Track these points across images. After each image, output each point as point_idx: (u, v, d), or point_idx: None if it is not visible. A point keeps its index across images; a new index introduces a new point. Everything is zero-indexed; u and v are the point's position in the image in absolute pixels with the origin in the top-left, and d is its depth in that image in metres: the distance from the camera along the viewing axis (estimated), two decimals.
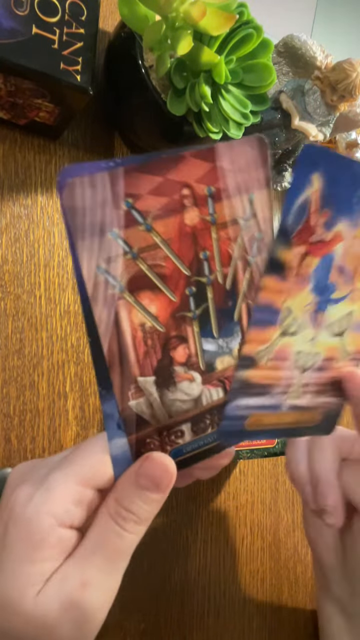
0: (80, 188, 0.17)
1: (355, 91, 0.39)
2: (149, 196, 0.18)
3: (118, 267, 0.19)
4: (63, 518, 0.21)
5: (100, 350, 0.19)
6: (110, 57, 0.38)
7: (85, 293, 0.18)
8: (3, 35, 0.29)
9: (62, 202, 0.17)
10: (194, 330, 0.22)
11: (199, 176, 0.19)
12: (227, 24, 0.31)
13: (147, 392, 0.21)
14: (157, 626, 0.40)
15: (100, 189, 0.17)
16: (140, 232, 0.19)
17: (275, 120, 0.44)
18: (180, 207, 0.19)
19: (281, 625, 0.48)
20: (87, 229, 0.18)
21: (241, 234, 0.21)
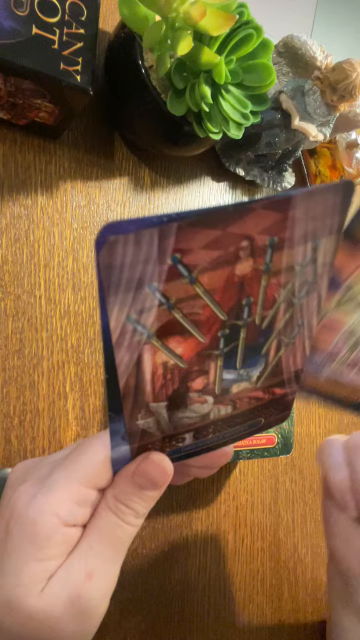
0: (123, 246, 0.15)
1: (355, 91, 0.39)
2: (200, 250, 0.17)
3: (150, 318, 0.18)
4: (67, 518, 0.21)
5: (116, 382, 0.19)
6: (110, 57, 0.38)
7: (109, 337, 0.17)
8: (3, 35, 0.29)
9: (99, 259, 0.15)
10: (217, 364, 0.21)
11: (264, 227, 0.17)
12: (227, 24, 0.31)
13: (157, 414, 0.21)
14: (157, 626, 0.40)
15: (146, 246, 0.15)
16: (182, 284, 0.17)
17: (275, 120, 0.44)
18: (233, 259, 0.18)
19: (281, 625, 0.48)
20: (122, 285, 0.16)
21: (293, 280, 0.20)
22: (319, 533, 0.53)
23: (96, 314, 0.40)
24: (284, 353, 0.23)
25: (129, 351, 0.18)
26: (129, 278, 0.16)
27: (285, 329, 0.22)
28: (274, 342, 0.22)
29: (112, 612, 0.38)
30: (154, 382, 0.20)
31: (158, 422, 0.22)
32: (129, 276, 0.16)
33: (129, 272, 0.16)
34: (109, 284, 0.16)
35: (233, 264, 0.18)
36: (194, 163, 0.48)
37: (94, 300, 0.40)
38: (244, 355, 0.21)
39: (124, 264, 0.16)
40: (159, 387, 0.20)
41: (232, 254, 0.17)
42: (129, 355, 0.18)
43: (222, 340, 0.20)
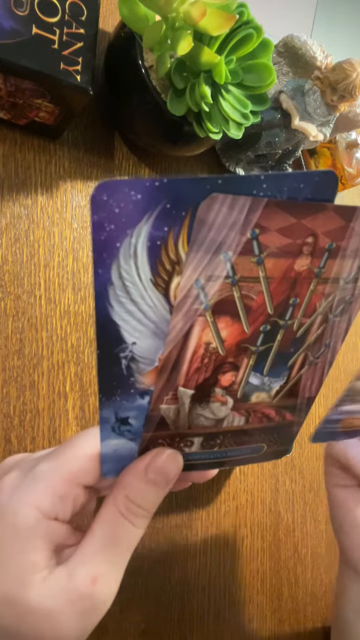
0: (219, 205, 0.16)
1: (355, 91, 0.39)
2: (275, 233, 0.18)
3: (214, 287, 0.18)
4: (48, 510, 0.21)
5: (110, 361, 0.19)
6: (110, 57, 0.38)
7: (103, 305, 0.18)
8: (3, 35, 0.29)
9: (198, 214, 0.16)
10: (249, 363, 0.21)
11: (328, 229, 0.18)
12: (227, 24, 0.31)
13: (180, 401, 0.21)
14: (157, 626, 0.40)
15: (237, 212, 0.16)
16: (250, 262, 0.18)
17: (275, 120, 0.44)
18: (297, 252, 0.19)
19: (281, 625, 0.48)
20: (205, 245, 0.17)
21: (335, 293, 0.21)
22: (319, 533, 0.53)
23: None
24: (304, 373, 0.23)
25: (184, 318, 0.19)
26: (213, 239, 0.17)
27: (314, 345, 0.22)
28: (301, 356, 0.22)
29: (112, 612, 0.38)
30: (192, 362, 0.20)
31: (177, 414, 0.22)
32: (213, 237, 0.17)
33: (215, 233, 0.17)
34: (195, 238, 0.17)
35: (295, 257, 0.19)
36: (194, 163, 0.48)
37: (94, 300, 0.40)
38: (274, 361, 0.22)
39: (214, 223, 0.16)
40: (193, 370, 0.20)
41: (297, 246, 0.18)
42: (183, 323, 0.19)
43: (262, 336, 0.21)
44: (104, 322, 0.18)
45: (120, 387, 0.20)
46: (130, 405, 0.21)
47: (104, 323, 0.18)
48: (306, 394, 0.24)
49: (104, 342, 0.19)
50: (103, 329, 0.18)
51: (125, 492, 0.21)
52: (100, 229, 0.16)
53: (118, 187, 0.16)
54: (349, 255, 0.19)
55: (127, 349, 0.19)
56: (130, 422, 0.21)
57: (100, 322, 0.18)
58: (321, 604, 0.51)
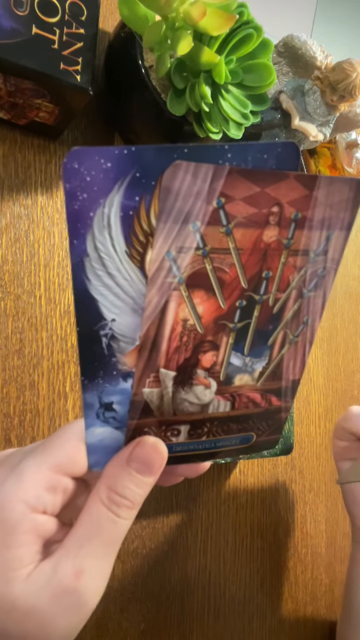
0: (183, 173, 0.16)
1: (355, 91, 0.39)
2: (240, 202, 0.18)
3: (186, 260, 0.18)
4: (35, 504, 0.20)
5: (90, 340, 0.19)
6: (110, 57, 0.38)
7: (80, 278, 0.18)
8: (3, 35, 0.29)
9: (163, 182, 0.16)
10: (228, 341, 0.21)
11: (292, 199, 0.18)
12: (227, 24, 0.31)
13: (163, 385, 0.21)
14: (157, 626, 0.40)
15: (201, 180, 0.17)
16: (219, 233, 0.18)
17: (275, 120, 0.44)
18: (264, 222, 0.19)
19: (281, 625, 0.48)
20: (173, 214, 0.17)
21: (307, 266, 0.21)
22: (319, 533, 0.53)
23: None
24: (286, 354, 0.23)
25: (159, 293, 0.19)
26: (180, 209, 0.17)
27: (292, 322, 0.22)
28: (280, 334, 0.22)
29: (112, 612, 0.38)
30: (170, 340, 0.20)
31: (161, 398, 0.21)
32: (180, 207, 0.17)
33: (181, 202, 0.17)
34: (163, 208, 0.17)
35: (262, 227, 0.19)
36: None
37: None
38: (253, 340, 0.22)
39: (180, 192, 0.17)
40: (173, 349, 0.20)
41: (263, 216, 0.18)
42: (158, 298, 0.19)
43: (239, 312, 0.21)
44: (82, 296, 0.18)
45: (102, 368, 0.20)
46: (113, 389, 0.20)
47: (82, 297, 0.18)
48: (290, 376, 0.24)
49: (83, 318, 0.19)
50: (81, 303, 0.18)
51: (108, 483, 0.21)
52: (73, 197, 0.16)
53: (89, 154, 0.16)
54: (315, 226, 0.20)
55: (106, 326, 0.19)
56: (114, 407, 0.21)
57: (78, 297, 0.18)
58: (321, 604, 0.51)
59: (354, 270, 0.63)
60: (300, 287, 0.21)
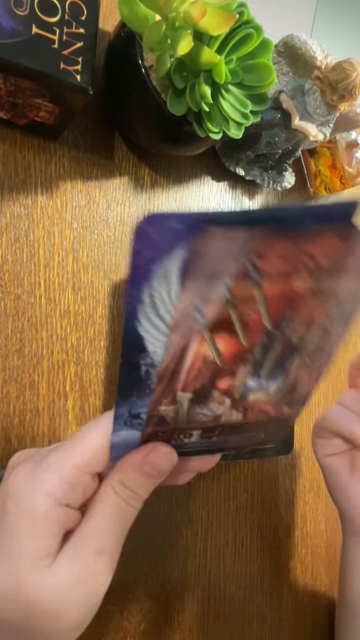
0: (214, 238, 0.16)
1: (355, 91, 0.39)
2: (274, 259, 0.17)
3: (212, 310, 0.18)
4: (60, 498, 0.21)
5: (131, 368, 0.20)
6: (110, 57, 0.38)
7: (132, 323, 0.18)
8: (3, 35, 0.29)
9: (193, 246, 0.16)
10: (246, 370, 0.22)
11: (327, 252, 0.18)
12: (227, 23, 0.31)
13: (179, 404, 0.22)
14: (157, 626, 0.40)
15: (233, 242, 0.16)
16: (247, 285, 0.18)
17: (275, 120, 0.44)
18: (294, 270, 0.18)
19: (281, 626, 0.48)
20: (202, 273, 0.17)
21: (335, 309, 0.20)
22: (319, 533, 0.53)
23: (96, 314, 0.40)
24: (302, 373, 0.23)
25: (181, 335, 0.19)
26: (210, 268, 0.17)
27: (312, 351, 0.22)
28: (298, 360, 0.22)
29: (112, 612, 0.38)
30: (189, 372, 0.21)
31: (177, 413, 0.22)
32: (210, 266, 0.17)
33: (211, 263, 0.17)
34: (193, 269, 0.17)
35: (293, 276, 0.18)
36: (194, 163, 0.48)
37: (94, 300, 0.40)
38: (273, 367, 0.22)
39: (211, 254, 0.16)
40: (192, 379, 0.21)
41: (294, 267, 0.18)
42: (180, 340, 0.19)
43: (259, 347, 0.21)
44: (131, 335, 0.19)
45: (137, 389, 0.21)
46: (143, 403, 0.21)
47: (131, 336, 0.19)
48: (304, 389, 0.24)
49: (128, 352, 0.19)
50: (129, 341, 0.19)
51: (120, 477, 0.23)
52: (139, 255, 0.16)
53: (161, 219, 0.15)
54: (349, 276, 0.19)
55: (147, 356, 0.20)
56: (142, 416, 0.22)
57: (127, 336, 0.19)
58: (321, 604, 0.51)
59: None
60: (326, 326, 0.21)
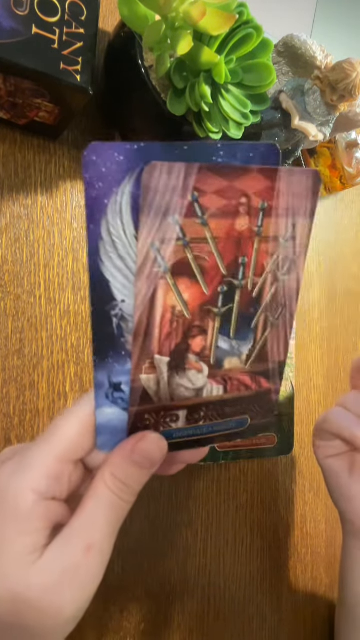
0: (159, 172, 0.18)
1: (355, 91, 0.39)
2: (212, 195, 0.20)
3: (168, 250, 0.20)
4: (45, 491, 0.21)
5: (103, 319, 0.21)
6: (110, 57, 0.38)
7: (96, 262, 0.20)
8: (3, 35, 0.29)
9: (143, 180, 0.18)
10: (214, 325, 0.23)
11: (257, 190, 0.21)
12: (227, 24, 0.31)
13: (158, 370, 0.23)
14: (157, 626, 0.40)
15: (175, 176, 0.19)
16: (196, 224, 0.20)
17: (275, 120, 0.44)
18: (235, 212, 0.21)
19: (281, 625, 0.48)
20: (154, 208, 0.19)
21: (278, 251, 0.23)
22: (319, 533, 0.53)
23: None
24: (269, 336, 0.25)
25: (147, 282, 0.21)
26: (160, 203, 0.19)
27: (271, 305, 0.24)
28: (262, 317, 0.24)
29: (112, 612, 0.38)
30: (162, 326, 0.22)
31: (158, 384, 0.23)
32: (160, 201, 0.19)
33: (160, 198, 0.19)
34: (145, 203, 0.19)
35: (234, 217, 0.21)
36: None
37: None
38: (237, 324, 0.24)
39: (159, 188, 0.19)
40: (165, 335, 0.22)
41: (234, 207, 0.21)
42: (147, 287, 0.21)
43: (221, 297, 0.22)
44: (96, 277, 0.20)
45: (112, 348, 0.21)
46: (122, 369, 0.22)
47: (97, 279, 0.20)
48: (275, 358, 0.26)
49: (97, 298, 0.20)
50: (96, 285, 0.20)
51: (112, 470, 0.23)
52: (91, 186, 0.19)
53: (105, 148, 0.18)
54: (281, 214, 0.22)
55: (117, 306, 0.21)
56: (122, 388, 0.22)
57: (93, 278, 0.20)
58: (321, 604, 0.51)
59: (354, 270, 0.63)
60: (274, 271, 0.23)
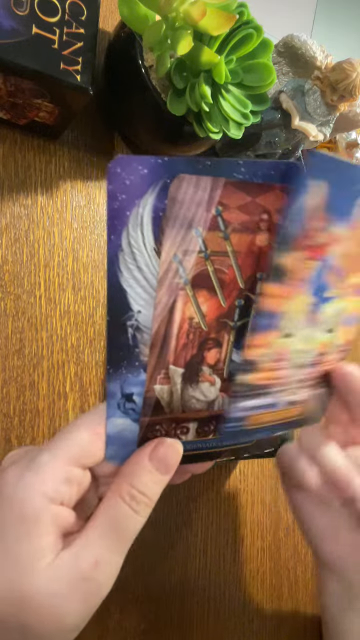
0: (186, 185, 0.19)
1: (355, 91, 0.39)
2: (235, 210, 0.20)
3: (190, 262, 0.21)
4: (53, 496, 0.21)
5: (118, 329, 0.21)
6: (110, 57, 0.38)
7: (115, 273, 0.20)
8: (3, 35, 0.29)
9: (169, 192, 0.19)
10: (229, 339, 0.23)
11: (278, 207, 0.21)
12: (227, 24, 0.31)
13: (172, 381, 0.23)
14: (157, 627, 0.40)
15: (202, 190, 0.19)
16: (218, 237, 0.21)
17: (275, 120, 0.44)
18: (256, 228, 0.21)
19: (281, 626, 0.48)
20: (179, 220, 0.20)
21: None
22: None
23: (96, 314, 0.40)
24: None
25: (168, 292, 0.21)
26: (185, 215, 0.20)
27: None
28: None
29: (112, 612, 0.38)
30: (178, 337, 0.22)
31: (171, 395, 0.23)
32: (185, 213, 0.19)
33: (186, 210, 0.19)
34: (170, 214, 0.19)
35: (255, 233, 0.21)
36: None
37: (94, 300, 0.40)
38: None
39: (185, 200, 0.19)
40: (181, 346, 0.22)
41: (255, 223, 0.21)
42: (167, 297, 0.21)
43: (237, 311, 0.23)
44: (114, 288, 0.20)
45: (126, 358, 0.21)
46: (134, 379, 0.22)
47: (114, 289, 0.20)
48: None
49: (113, 309, 0.20)
50: (113, 295, 0.20)
51: (129, 480, 0.22)
52: (114, 198, 0.19)
53: (129, 161, 0.18)
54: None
55: (132, 317, 0.21)
56: (134, 399, 0.22)
57: (111, 288, 0.20)
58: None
59: None
60: None
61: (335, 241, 0.23)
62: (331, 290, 0.25)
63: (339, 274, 0.24)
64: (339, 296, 0.25)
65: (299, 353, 0.25)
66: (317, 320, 0.25)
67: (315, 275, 0.23)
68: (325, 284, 0.24)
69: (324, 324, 0.25)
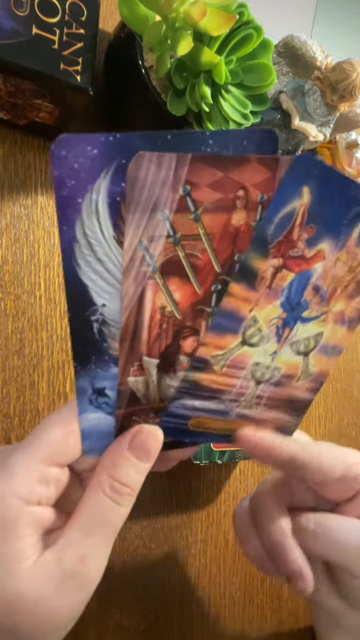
0: (147, 163, 0.17)
1: (355, 91, 0.39)
2: (206, 188, 0.18)
3: (158, 248, 0.19)
4: (29, 497, 0.21)
5: (82, 325, 0.19)
6: (110, 57, 0.38)
7: (71, 263, 0.18)
8: (3, 35, 0.29)
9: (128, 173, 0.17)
10: (207, 325, 0.22)
11: (256, 181, 0.19)
12: (227, 24, 0.31)
13: (147, 372, 0.22)
14: (157, 627, 0.40)
15: (165, 168, 0.17)
16: (187, 220, 0.19)
17: (275, 120, 0.44)
18: (231, 206, 0.19)
19: (281, 626, 0.48)
20: (140, 204, 0.18)
21: None
22: None
23: None
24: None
25: (135, 282, 0.19)
26: (147, 198, 0.18)
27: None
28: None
29: (112, 612, 0.38)
30: (150, 328, 0.20)
31: (147, 386, 0.22)
32: (147, 196, 0.18)
33: (148, 192, 0.17)
34: (130, 199, 0.17)
35: (230, 211, 0.19)
36: None
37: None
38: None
39: (146, 181, 0.17)
40: (154, 337, 0.21)
41: (230, 201, 0.19)
42: (134, 288, 0.19)
43: (215, 296, 0.21)
44: (73, 282, 0.19)
45: (94, 353, 0.20)
46: (105, 374, 0.21)
47: (73, 283, 0.19)
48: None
49: (75, 304, 0.19)
50: (72, 289, 0.19)
51: (109, 472, 0.22)
52: (62, 184, 0.17)
53: (75, 141, 0.16)
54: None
55: (97, 311, 0.19)
56: (107, 393, 0.21)
57: (68, 283, 0.18)
58: None
59: None
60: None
61: (321, 259, 0.21)
62: (311, 311, 0.23)
63: (322, 295, 0.23)
64: (319, 320, 0.24)
65: (261, 367, 0.24)
66: (287, 338, 0.23)
67: (292, 290, 0.22)
68: (305, 303, 0.23)
69: (295, 344, 0.24)
